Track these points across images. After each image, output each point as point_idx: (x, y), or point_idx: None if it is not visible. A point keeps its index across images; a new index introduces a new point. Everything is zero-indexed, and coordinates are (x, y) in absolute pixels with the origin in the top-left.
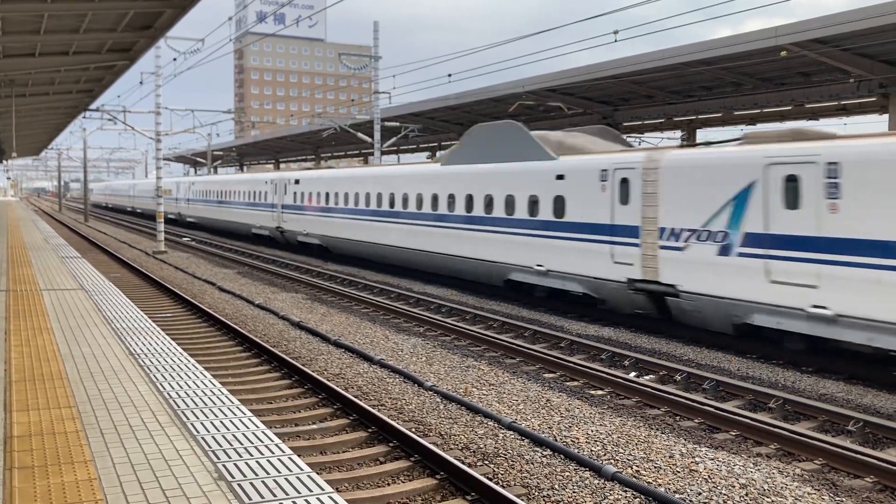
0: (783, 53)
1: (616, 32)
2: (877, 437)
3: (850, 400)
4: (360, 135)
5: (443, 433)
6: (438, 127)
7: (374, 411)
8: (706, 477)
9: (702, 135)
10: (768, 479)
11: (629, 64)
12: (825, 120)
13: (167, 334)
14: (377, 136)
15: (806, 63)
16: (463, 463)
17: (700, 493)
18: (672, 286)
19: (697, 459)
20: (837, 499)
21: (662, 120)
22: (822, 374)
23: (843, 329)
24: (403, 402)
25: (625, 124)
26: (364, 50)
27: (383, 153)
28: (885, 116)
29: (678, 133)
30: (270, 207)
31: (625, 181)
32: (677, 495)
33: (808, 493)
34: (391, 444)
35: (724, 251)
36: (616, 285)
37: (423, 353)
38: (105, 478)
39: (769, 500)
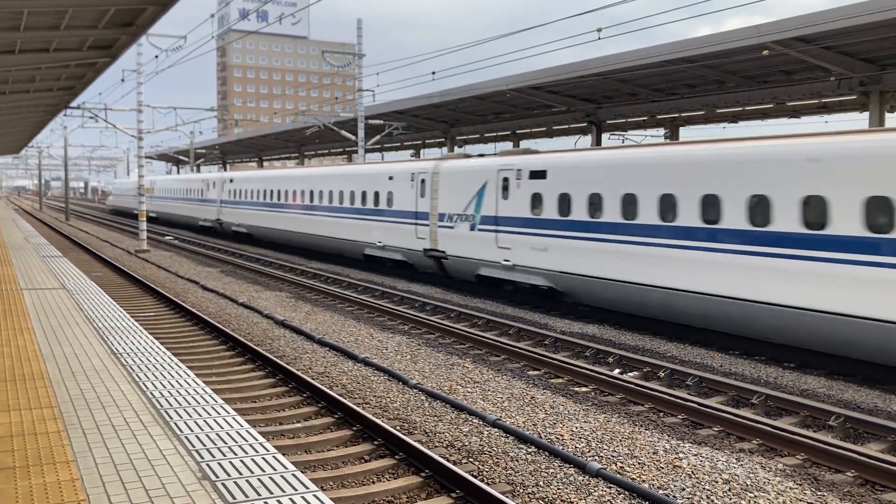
0: (765, 52)
1: (600, 30)
2: (857, 432)
3: (832, 395)
4: (343, 132)
5: (427, 431)
6: (423, 125)
7: (359, 409)
8: (690, 472)
9: (684, 133)
10: (751, 475)
11: (613, 62)
12: (806, 118)
13: (150, 333)
14: (361, 133)
15: (788, 61)
16: (448, 460)
17: (684, 489)
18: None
19: (681, 455)
20: (819, 493)
21: (646, 118)
22: (803, 370)
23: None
24: (388, 400)
25: (608, 122)
26: (348, 47)
27: (367, 151)
28: (866, 114)
29: (661, 131)
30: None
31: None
32: (661, 491)
33: (791, 488)
34: (376, 443)
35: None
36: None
37: (407, 351)
38: (87, 478)
39: (752, 495)
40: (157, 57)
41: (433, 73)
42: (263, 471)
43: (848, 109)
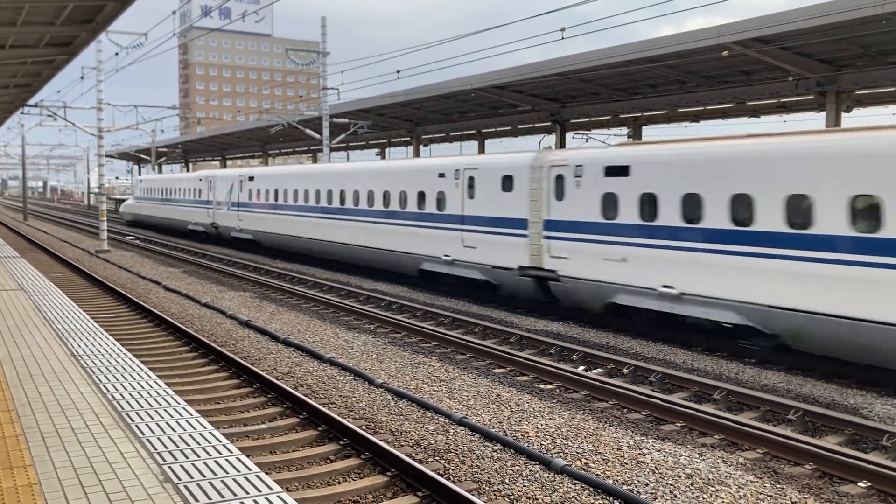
0: (725, 53)
1: (563, 30)
2: (815, 426)
3: (791, 390)
4: (308, 131)
5: (394, 430)
6: (388, 123)
7: (324, 409)
8: (653, 468)
9: (647, 132)
10: (713, 469)
11: (576, 62)
12: (766, 117)
13: (111, 335)
14: (326, 132)
15: (748, 61)
16: (414, 459)
17: (647, 484)
18: None
19: (644, 451)
20: (778, 486)
21: (609, 117)
22: (763, 366)
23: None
24: (354, 399)
25: (572, 121)
26: (312, 45)
27: (332, 150)
28: (822, 114)
29: (625, 130)
30: None
31: None
32: (625, 486)
33: (751, 482)
34: (342, 443)
35: None
36: None
37: (373, 350)
38: (46, 483)
39: (714, 489)
40: (117, 54)
41: (398, 71)
42: (227, 472)
43: (806, 109)
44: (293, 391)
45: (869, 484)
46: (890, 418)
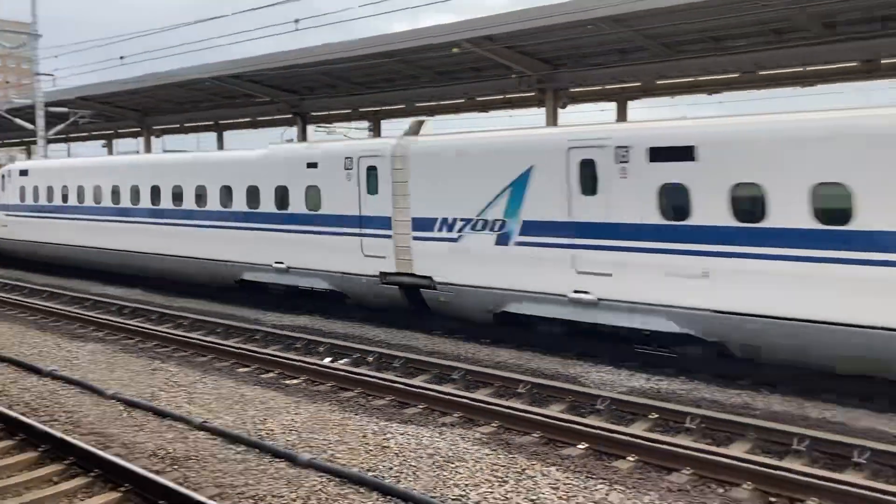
0: (455, 50)
1: (297, 21)
2: (542, 396)
3: (521, 365)
4: (18, 121)
5: (127, 442)
6: (115, 113)
7: (45, 428)
8: (397, 451)
9: (387, 126)
10: (452, 446)
11: (313, 54)
12: (494, 112)
13: None
14: (41, 122)
15: (477, 58)
16: (150, 471)
17: (391, 468)
18: None
19: (389, 436)
20: (511, 455)
21: (349, 111)
22: (498, 345)
23: None
24: (81, 414)
25: (313, 114)
26: (21, 26)
27: (49, 142)
28: (543, 109)
29: (365, 123)
30: None
31: None
32: (370, 473)
33: (487, 455)
34: (66, 462)
35: None
36: None
37: (103, 359)
38: None
39: (453, 465)
40: None
41: (122, 57)
42: None
43: (529, 105)
44: (7, 411)
45: (587, 445)
46: (603, 384)
